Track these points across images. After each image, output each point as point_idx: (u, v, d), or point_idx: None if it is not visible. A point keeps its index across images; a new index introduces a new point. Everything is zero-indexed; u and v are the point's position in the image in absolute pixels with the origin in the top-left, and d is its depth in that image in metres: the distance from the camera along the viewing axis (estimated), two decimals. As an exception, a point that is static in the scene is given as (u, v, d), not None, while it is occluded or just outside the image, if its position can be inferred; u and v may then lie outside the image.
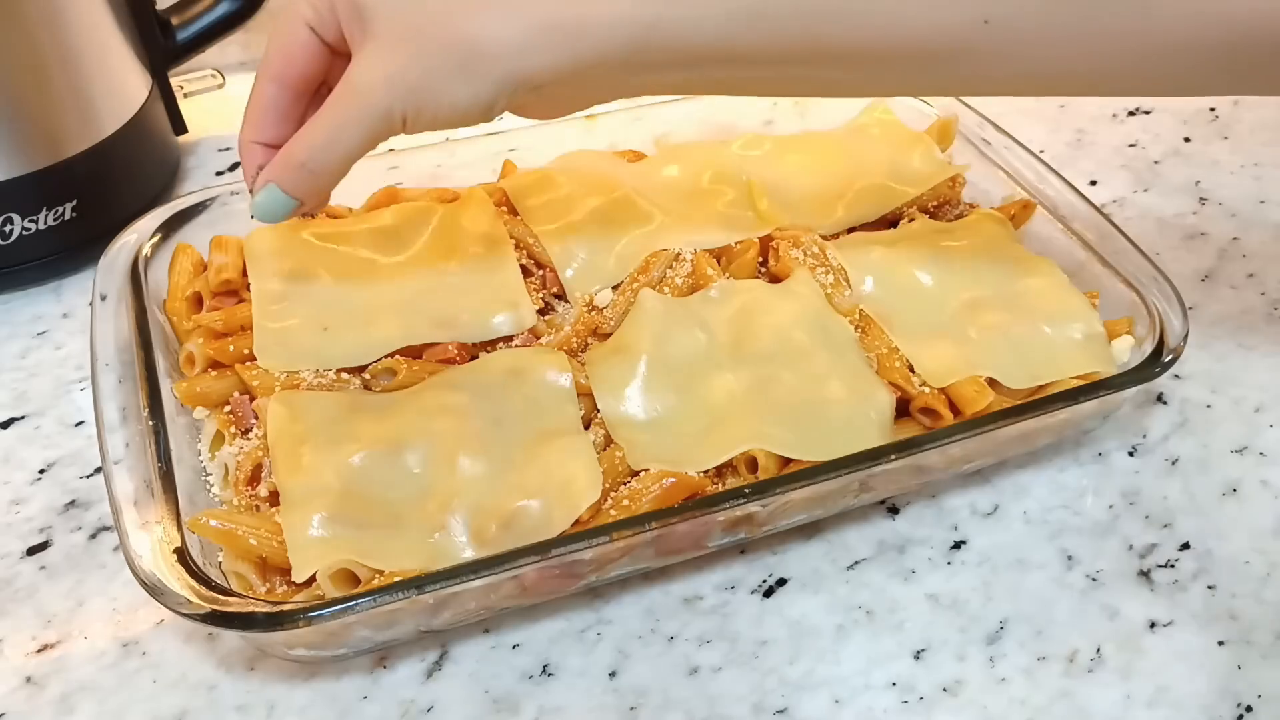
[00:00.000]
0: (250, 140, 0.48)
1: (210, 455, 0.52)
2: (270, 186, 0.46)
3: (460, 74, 0.44)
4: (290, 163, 0.46)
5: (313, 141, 0.45)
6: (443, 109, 0.45)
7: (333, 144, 0.45)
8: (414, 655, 0.48)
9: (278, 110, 0.48)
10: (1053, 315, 0.55)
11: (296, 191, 0.47)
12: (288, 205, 0.47)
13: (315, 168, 0.46)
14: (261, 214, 0.47)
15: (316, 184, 0.47)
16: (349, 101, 0.45)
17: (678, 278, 0.57)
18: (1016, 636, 0.48)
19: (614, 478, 0.48)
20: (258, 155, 0.48)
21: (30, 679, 0.47)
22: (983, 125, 0.68)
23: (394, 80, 0.44)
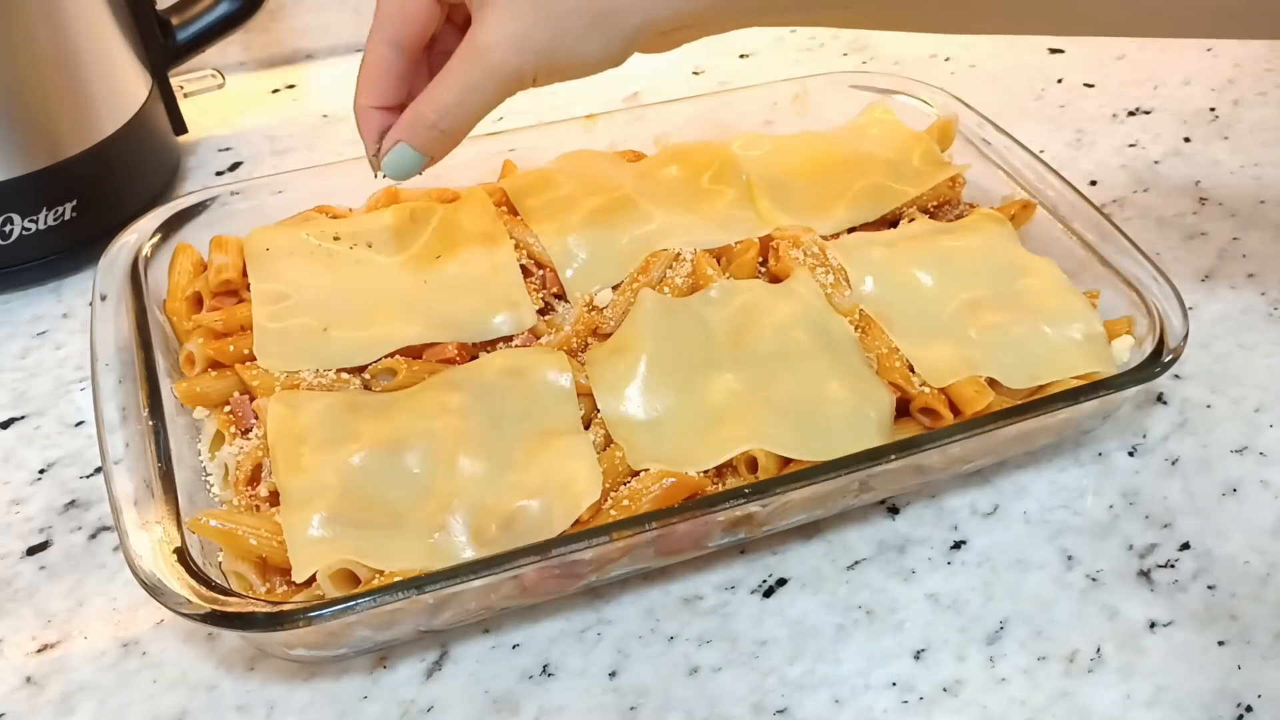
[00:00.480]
0: (368, 105, 0.50)
1: (210, 455, 0.52)
2: (401, 146, 0.48)
3: (592, 32, 0.45)
4: (421, 122, 0.47)
5: (444, 101, 0.47)
6: (574, 65, 0.47)
7: (464, 104, 0.47)
8: (414, 655, 0.48)
9: (395, 73, 0.49)
10: (1053, 315, 0.55)
11: (428, 150, 0.48)
12: (419, 162, 0.49)
13: (447, 126, 0.47)
14: (394, 172, 0.49)
15: (447, 141, 0.48)
16: (478, 63, 0.46)
17: (678, 278, 0.57)
18: (1016, 636, 0.48)
19: (614, 478, 0.48)
20: (375, 119, 0.50)
21: (30, 679, 0.47)
22: (983, 125, 0.68)
23: (523, 41, 0.45)
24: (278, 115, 0.85)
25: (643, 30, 0.46)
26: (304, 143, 0.81)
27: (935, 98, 0.71)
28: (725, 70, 0.90)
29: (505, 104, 0.48)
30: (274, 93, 0.88)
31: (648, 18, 0.46)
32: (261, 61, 0.91)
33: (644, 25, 0.46)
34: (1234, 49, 0.91)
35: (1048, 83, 0.88)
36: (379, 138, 0.50)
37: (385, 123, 0.50)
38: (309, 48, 0.91)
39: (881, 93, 0.72)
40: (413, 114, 0.48)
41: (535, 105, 0.84)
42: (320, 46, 0.92)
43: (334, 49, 0.92)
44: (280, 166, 0.78)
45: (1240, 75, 0.88)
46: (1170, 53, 0.90)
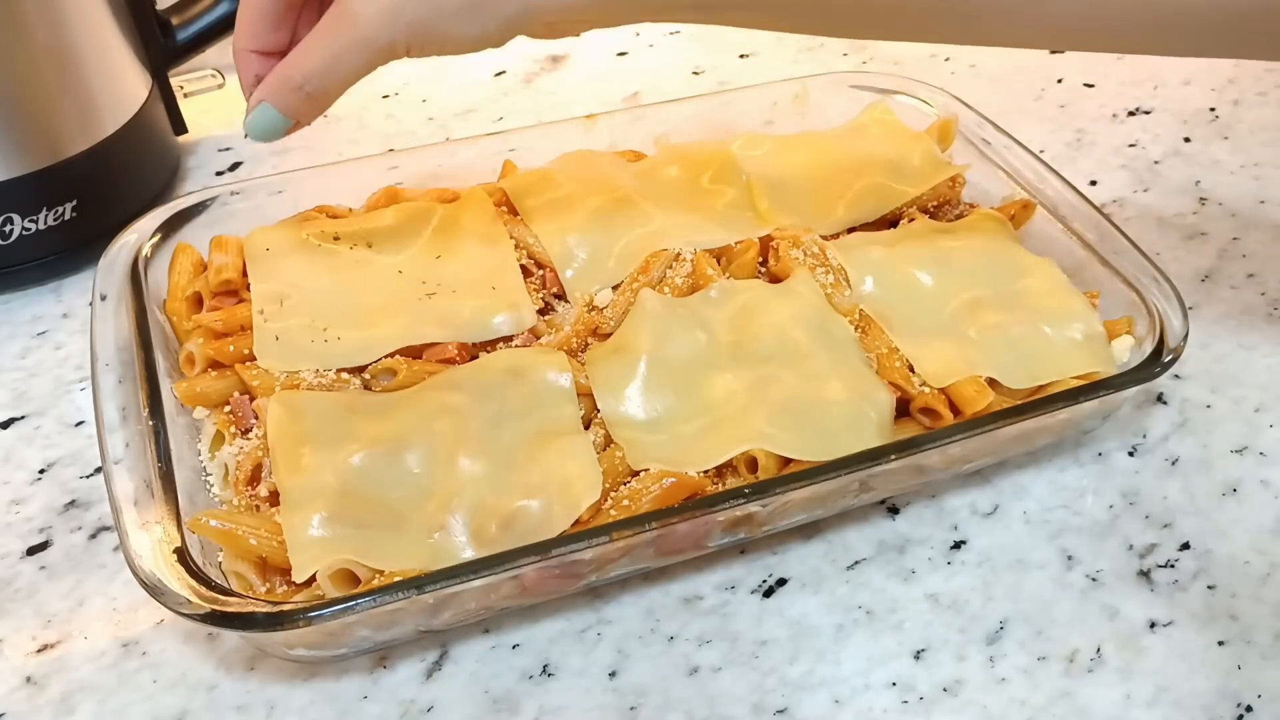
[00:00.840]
0: (244, 48, 0.48)
1: (210, 455, 0.52)
2: (264, 106, 0.46)
3: (468, 13, 0.44)
4: (287, 84, 0.45)
5: (310, 65, 0.45)
6: (448, 44, 0.45)
7: (330, 70, 0.45)
8: (414, 655, 0.48)
9: (272, 16, 0.47)
10: (1053, 315, 0.55)
11: (293, 113, 0.46)
12: (283, 125, 0.47)
13: (312, 90, 0.46)
14: (255, 132, 0.47)
15: (314, 105, 0.46)
16: (347, 29, 0.44)
17: (678, 278, 0.57)
18: (1016, 636, 0.48)
19: (614, 478, 0.48)
20: (253, 63, 0.48)
21: (30, 679, 0.47)
22: (983, 125, 0.68)
23: (395, 14, 0.43)
24: None
25: (520, 18, 0.44)
26: (304, 143, 0.81)
27: (935, 98, 0.71)
28: (725, 70, 0.90)
29: (505, 104, 0.48)
30: (274, 93, 0.88)
31: (524, 6, 0.44)
32: (261, 61, 0.91)
33: (521, 13, 0.44)
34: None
35: (1048, 83, 0.88)
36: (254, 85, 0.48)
37: (264, 69, 0.48)
38: (309, 48, 0.91)
39: (881, 93, 0.72)
40: (278, 75, 0.46)
41: (535, 105, 0.84)
42: None
43: (334, 49, 0.92)
44: (280, 166, 0.78)
45: (1240, 75, 0.88)
46: (1170, 53, 0.90)
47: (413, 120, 0.84)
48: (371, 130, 0.83)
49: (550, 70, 0.89)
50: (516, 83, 0.87)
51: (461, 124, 0.83)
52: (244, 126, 0.47)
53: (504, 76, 0.88)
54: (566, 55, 0.91)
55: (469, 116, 0.84)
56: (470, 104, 0.85)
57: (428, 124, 0.84)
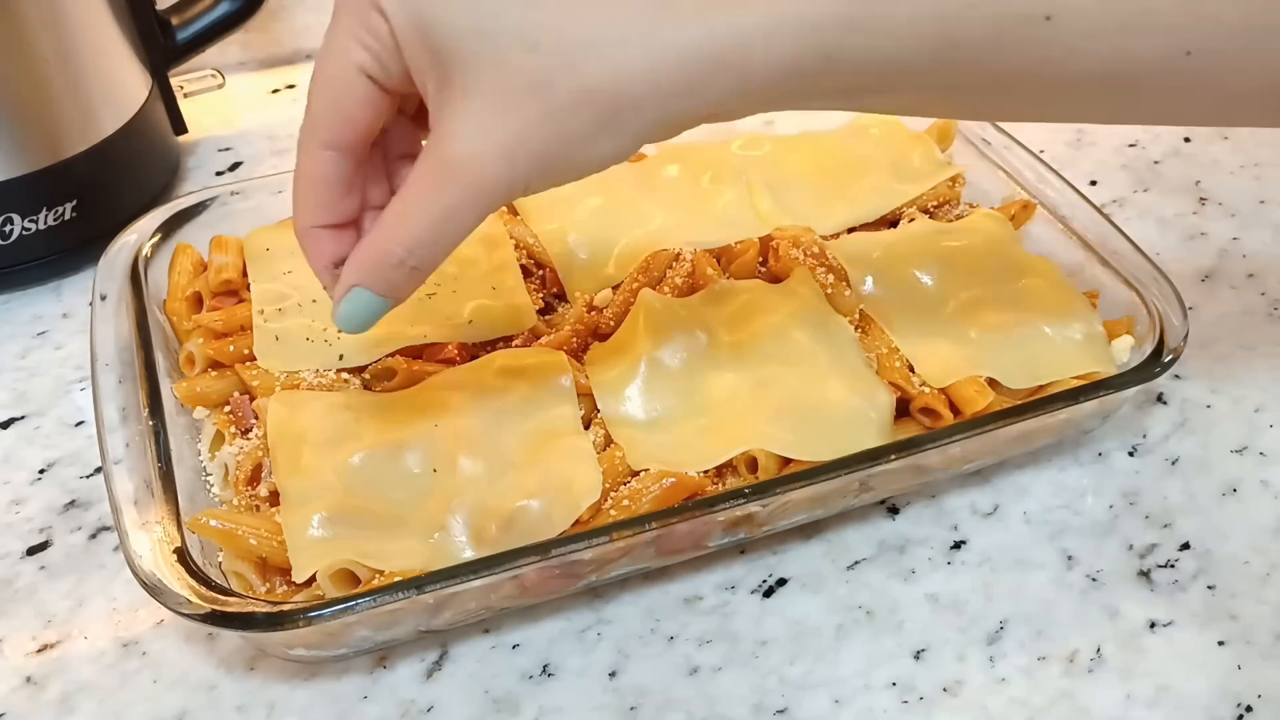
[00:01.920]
0: (312, 225, 0.40)
1: (210, 455, 0.52)
2: (358, 291, 0.38)
3: (600, 131, 0.36)
4: (385, 261, 0.38)
5: (415, 234, 0.37)
6: (574, 170, 0.38)
7: (440, 236, 0.37)
8: (414, 655, 0.48)
9: (340, 183, 0.39)
10: (1053, 315, 0.55)
11: (395, 293, 0.39)
12: (383, 308, 0.39)
13: (419, 263, 0.38)
14: (352, 324, 0.39)
15: (418, 279, 0.39)
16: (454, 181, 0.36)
17: (678, 278, 0.57)
18: (1016, 636, 0.48)
19: (614, 478, 0.48)
20: (325, 244, 0.40)
21: (30, 679, 0.47)
22: (983, 125, 0.68)
23: (514, 150, 0.36)
24: (278, 115, 0.85)
25: (657, 127, 0.37)
26: (304, 143, 0.81)
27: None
28: (725, 70, 0.90)
29: None
30: (274, 93, 0.88)
31: (669, 110, 0.36)
32: (261, 61, 0.91)
33: (665, 119, 0.37)
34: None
35: (1048, 83, 0.87)
36: (334, 266, 0.40)
37: (339, 247, 0.40)
38: (309, 48, 0.91)
39: (881, 93, 0.72)
40: (373, 251, 0.38)
41: (535, 105, 0.84)
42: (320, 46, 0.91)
43: (334, 49, 0.92)
44: (280, 166, 0.78)
45: (1240, 75, 0.87)
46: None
47: (413, 120, 0.84)
48: (371, 130, 0.83)
49: (550, 70, 0.89)
50: (516, 83, 0.87)
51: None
52: (335, 319, 0.39)
53: (504, 76, 0.88)
54: (566, 55, 0.91)
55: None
56: (470, 104, 0.85)
57: (428, 124, 0.83)
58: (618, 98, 0.36)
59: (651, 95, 0.36)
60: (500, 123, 0.36)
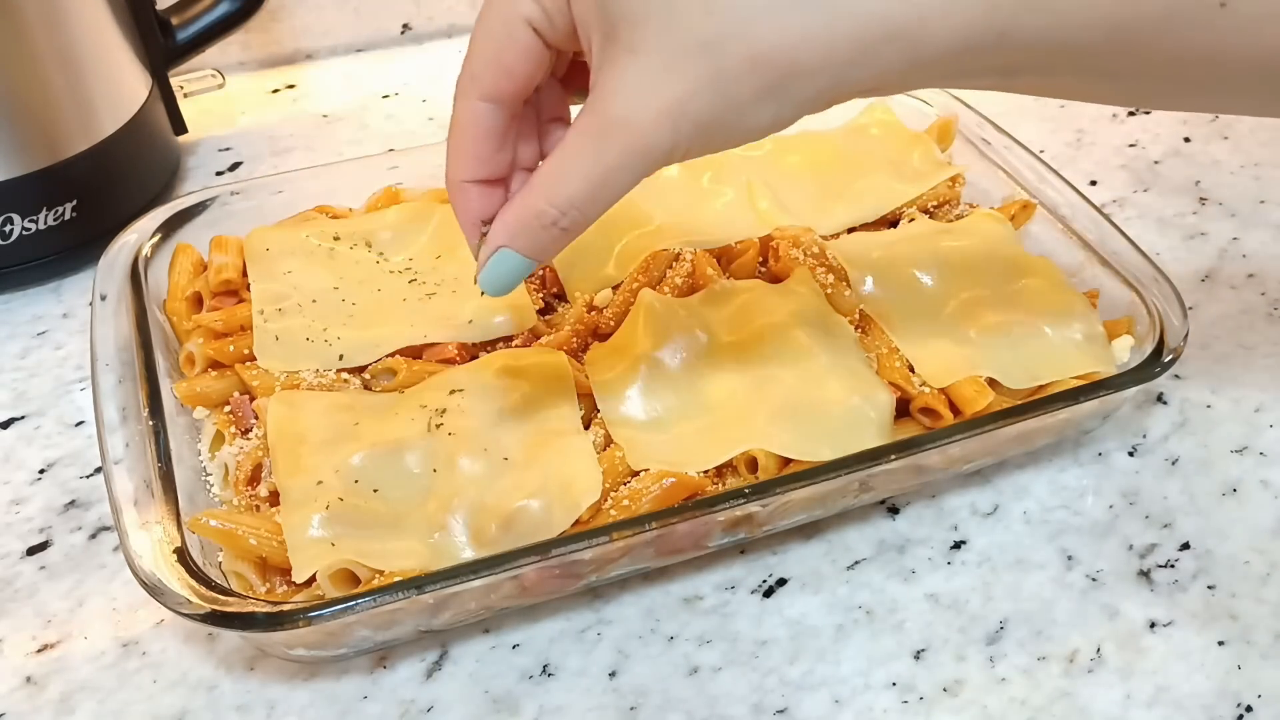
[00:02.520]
0: (465, 179, 0.39)
1: (210, 455, 0.52)
2: (505, 253, 0.37)
3: (766, 98, 0.35)
4: (536, 220, 0.37)
5: (568, 191, 0.36)
6: (736, 136, 0.37)
7: (596, 194, 0.36)
8: (414, 655, 0.48)
9: (496, 136, 0.39)
10: (1053, 315, 0.55)
11: (544, 254, 0.38)
12: (527, 270, 0.38)
13: (570, 223, 0.37)
14: (497, 286, 0.38)
15: (567, 240, 0.38)
16: (615, 141, 0.36)
17: (678, 278, 0.57)
18: (1016, 636, 0.48)
19: (614, 478, 0.48)
20: (475, 200, 0.39)
21: (30, 679, 0.47)
22: (983, 125, 0.68)
23: (679, 112, 0.35)
24: (278, 115, 0.85)
25: (828, 94, 0.36)
26: (304, 143, 0.81)
27: (935, 97, 0.71)
28: (725, 70, 0.90)
29: None
30: (274, 93, 0.88)
31: (837, 80, 0.35)
32: (261, 61, 0.91)
33: (832, 89, 0.36)
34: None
35: (1048, 83, 0.87)
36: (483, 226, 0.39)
37: (487, 203, 0.39)
38: (309, 48, 0.91)
39: (881, 93, 0.72)
40: (524, 211, 0.37)
41: (535, 105, 0.84)
42: (320, 46, 0.92)
43: (334, 49, 0.92)
44: (280, 166, 0.78)
45: (1240, 75, 0.87)
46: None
47: (413, 120, 0.84)
48: (371, 130, 0.83)
49: (550, 70, 0.89)
50: (516, 83, 0.87)
51: (461, 124, 0.83)
52: (478, 281, 0.39)
53: (504, 76, 0.88)
54: (566, 55, 0.91)
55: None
56: (470, 104, 0.85)
57: (428, 124, 0.84)
58: (790, 65, 0.35)
59: (823, 64, 0.35)
60: (666, 83, 0.35)
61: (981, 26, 0.35)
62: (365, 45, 0.93)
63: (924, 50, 0.35)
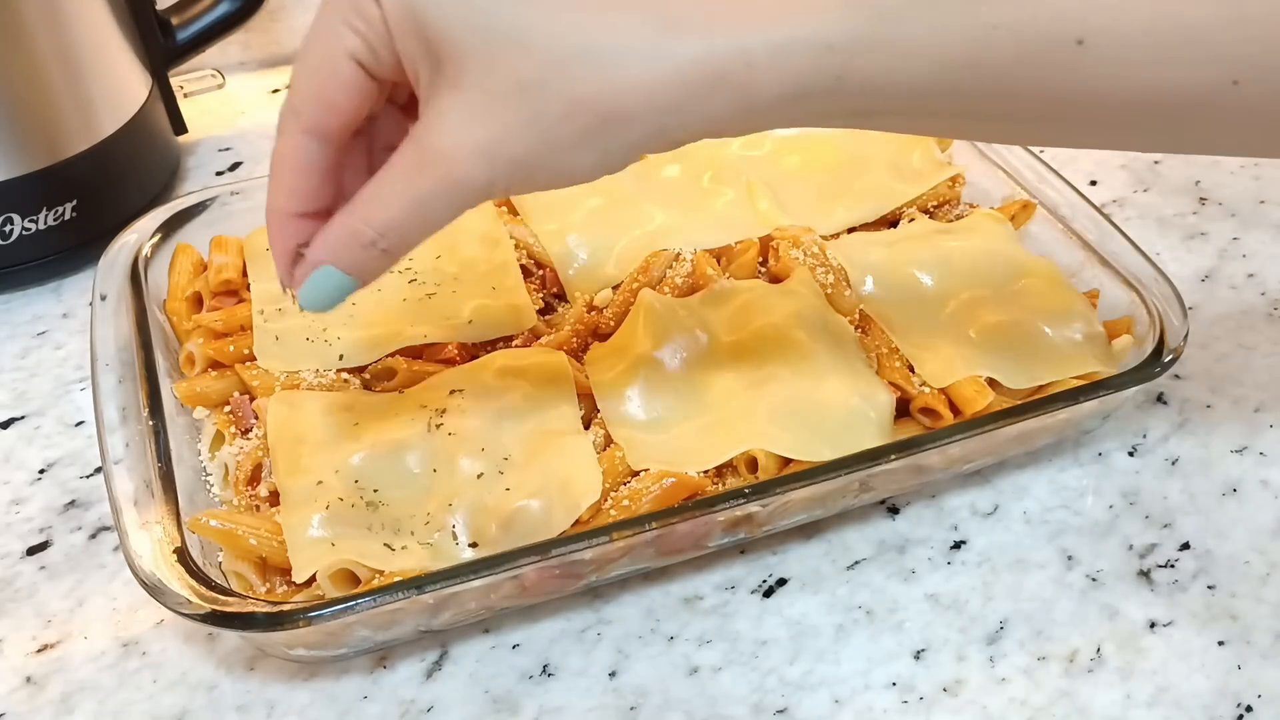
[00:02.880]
0: (287, 211, 0.39)
1: (210, 455, 0.52)
2: (327, 270, 0.38)
3: (585, 143, 0.35)
4: (355, 240, 0.37)
5: (384, 215, 0.37)
6: (559, 179, 0.37)
7: (411, 221, 0.37)
8: (414, 655, 0.48)
9: (319, 171, 0.39)
10: (1053, 315, 0.55)
11: (361, 273, 0.38)
12: (348, 289, 0.38)
13: (389, 245, 0.37)
14: (314, 302, 0.39)
15: (386, 263, 0.38)
16: (431, 171, 0.36)
17: (678, 278, 0.57)
18: (1016, 636, 0.48)
19: (614, 478, 0.48)
20: (293, 229, 0.39)
21: (30, 679, 0.47)
22: (983, 125, 0.68)
23: (495, 151, 0.35)
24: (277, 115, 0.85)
25: (648, 141, 0.36)
26: (304, 143, 0.81)
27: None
28: (725, 70, 0.90)
29: None
30: (274, 93, 0.88)
31: (662, 125, 0.35)
32: (261, 61, 0.91)
33: (656, 134, 0.36)
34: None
35: (1048, 83, 0.87)
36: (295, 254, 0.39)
37: (306, 233, 0.39)
38: (309, 48, 0.91)
39: (881, 93, 0.71)
40: (343, 230, 0.37)
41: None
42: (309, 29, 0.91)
43: (334, 49, 0.92)
44: (280, 166, 0.78)
45: (1240, 75, 0.87)
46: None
47: (413, 120, 0.84)
48: (371, 130, 0.83)
49: (550, 70, 0.89)
50: (516, 83, 0.87)
51: (461, 124, 0.83)
52: (295, 298, 0.39)
53: (504, 76, 0.88)
54: (566, 55, 0.91)
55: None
56: (470, 104, 0.85)
57: (428, 124, 0.83)
58: (608, 110, 0.35)
59: (644, 110, 0.35)
60: (483, 122, 0.35)
61: (818, 72, 0.35)
62: (365, 45, 0.93)
63: (756, 97, 0.35)
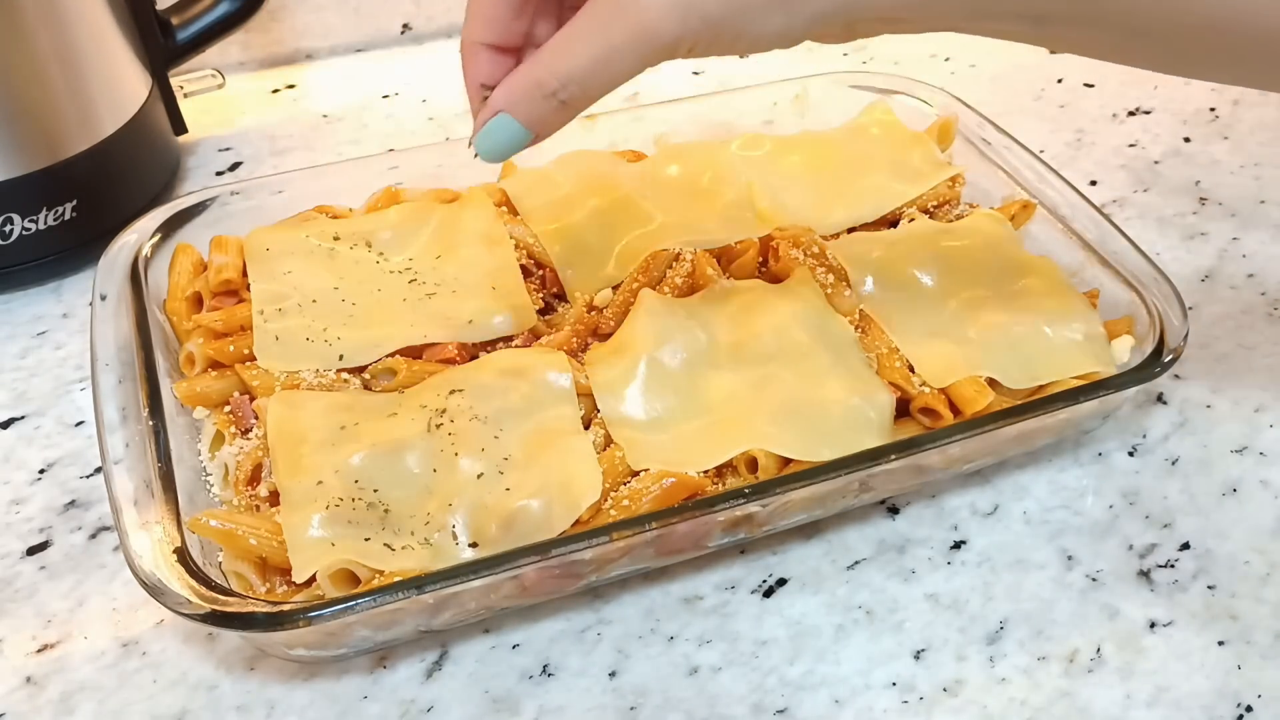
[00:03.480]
0: (476, 40, 0.40)
1: (210, 455, 0.52)
2: (504, 118, 0.39)
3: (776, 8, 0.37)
4: (537, 89, 0.38)
5: (569, 65, 0.37)
6: (740, 42, 0.38)
7: (595, 74, 0.37)
8: (414, 655, 0.48)
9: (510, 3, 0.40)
10: (1053, 315, 0.55)
11: (539, 125, 0.39)
12: (523, 139, 0.39)
13: (568, 97, 0.38)
14: (491, 150, 0.40)
15: (565, 116, 0.39)
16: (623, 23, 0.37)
17: (678, 278, 0.57)
18: (1016, 636, 0.48)
19: (614, 478, 0.48)
20: (483, 63, 0.40)
21: (30, 679, 0.47)
22: (983, 125, 0.68)
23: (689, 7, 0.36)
24: (278, 115, 0.85)
25: (831, 15, 0.38)
26: (304, 143, 0.81)
27: (935, 98, 0.71)
28: (725, 70, 0.90)
29: None
30: (274, 93, 0.88)
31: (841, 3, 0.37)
32: (261, 61, 0.91)
33: (838, 10, 0.37)
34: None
35: (1048, 83, 0.88)
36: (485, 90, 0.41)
37: (495, 69, 0.40)
38: (309, 48, 0.91)
39: (881, 93, 0.72)
40: (525, 79, 0.39)
41: (535, 105, 0.84)
42: (320, 46, 0.92)
43: (334, 49, 0.92)
44: (280, 166, 0.78)
45: (1240, 75, 0.87)
46: (1170, 53, 0.90)
47: (413, 120, 0.84)
48: (371, 130, 0.83)
49: (550, 70, 0.89)
50: (516, 83, 0.87)
51: (462, 124, 0.83)
52: (473, 143, 0.40)
53: (504, 76, 0.88)
54: (566, 55, 0.91)
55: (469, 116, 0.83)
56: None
57: (428, 124, 0.84)
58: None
59: None
60: None
61: None
62: (365, 45, 0.93)
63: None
